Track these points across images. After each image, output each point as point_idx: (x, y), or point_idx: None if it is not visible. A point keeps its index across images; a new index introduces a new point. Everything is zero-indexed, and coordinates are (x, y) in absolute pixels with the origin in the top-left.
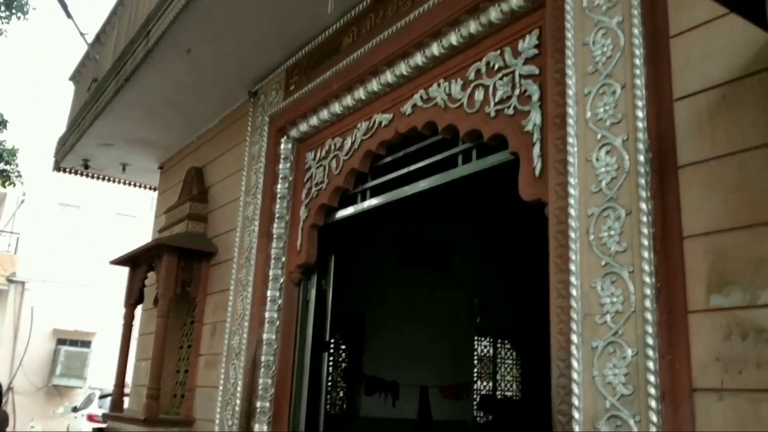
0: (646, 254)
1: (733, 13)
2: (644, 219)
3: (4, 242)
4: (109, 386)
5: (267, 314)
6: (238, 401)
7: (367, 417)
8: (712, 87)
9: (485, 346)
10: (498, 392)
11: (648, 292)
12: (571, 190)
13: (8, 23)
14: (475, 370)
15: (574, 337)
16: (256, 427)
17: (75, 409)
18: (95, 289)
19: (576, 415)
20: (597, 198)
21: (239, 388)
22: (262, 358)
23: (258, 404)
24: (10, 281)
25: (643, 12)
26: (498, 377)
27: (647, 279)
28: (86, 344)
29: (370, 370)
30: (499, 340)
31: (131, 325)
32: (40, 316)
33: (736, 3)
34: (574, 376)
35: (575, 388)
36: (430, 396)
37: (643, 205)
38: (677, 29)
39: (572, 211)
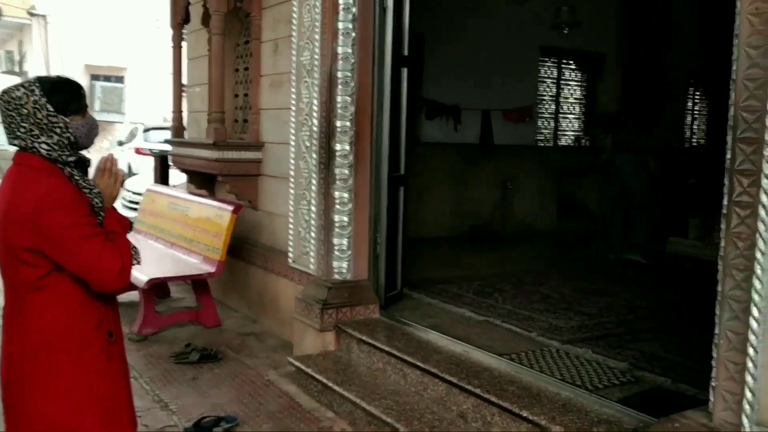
0: None
1: None
2: None
3: None
4: (149, 120)
5: (341, 25)
6: (315, 121)
7: (429, 142)
8: None
9: (548, 68)
10: (560, 114)
11: None
12: None
13: None
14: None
15: None
16: (338, 146)
17: (120, 144)
18: (121, 24)
19: None
20: None
21: (315, 107)
22: (338, 74)
23: (338, 123)
24: (31, 14)
25: None
26: (560, 99)
27: None
28: (119, 80)
29: (431, 95)
30: (563, 61)
31: (180, 48)
32: (69, 52)
33: None
34: None
35: None
36: (493, 120)
37: None
38: None
39: None
